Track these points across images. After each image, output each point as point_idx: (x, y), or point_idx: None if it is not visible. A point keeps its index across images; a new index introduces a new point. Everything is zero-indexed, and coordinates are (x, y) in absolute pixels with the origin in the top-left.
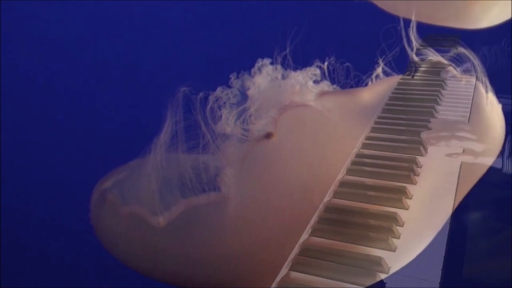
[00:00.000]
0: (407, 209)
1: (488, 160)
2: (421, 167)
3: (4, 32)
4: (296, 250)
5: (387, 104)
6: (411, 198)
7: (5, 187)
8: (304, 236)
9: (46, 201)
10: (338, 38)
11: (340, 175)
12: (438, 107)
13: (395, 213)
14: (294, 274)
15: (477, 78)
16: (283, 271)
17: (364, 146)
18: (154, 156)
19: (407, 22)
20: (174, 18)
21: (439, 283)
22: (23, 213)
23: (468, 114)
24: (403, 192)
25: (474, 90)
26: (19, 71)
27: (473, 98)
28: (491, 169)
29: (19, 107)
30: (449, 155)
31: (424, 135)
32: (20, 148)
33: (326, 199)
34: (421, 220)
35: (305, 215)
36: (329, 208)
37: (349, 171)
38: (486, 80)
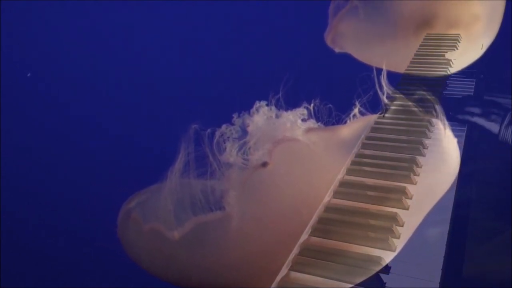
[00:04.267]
0: (407, 209)
1: (446, 186)
2: (421, 167)
3: (4, 33)
4: (296, 250)
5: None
6: (411, 198)
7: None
8: (304, 236)
9: (53, 206)
10: (322, 84)
11: (340, 175)
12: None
13: (395, 213)
14: (294, 274)
15: (437, 117)
16: (283, 271)
17: (364, 146)
18: (170, 181)
19: (379, 70)
20: (188, 69)
21: (439, 283)
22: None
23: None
24: (403, 192)
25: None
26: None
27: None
28: (491, 170)
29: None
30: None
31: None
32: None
33: (326, 199)
34: (421, 220)
35: (296, 230)
36: (329, 208)
37: (349, 171)
38: (444, 117)
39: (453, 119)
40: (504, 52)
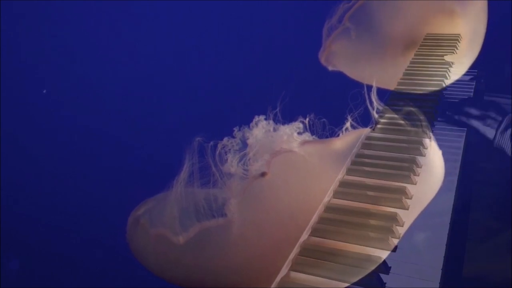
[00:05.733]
0: (407, 209)
1: (430, 195)
2: (421, 167)
3: (4, 34)
4: (296, 250)
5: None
6: (411, 198)
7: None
8: (304, 236)
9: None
10: (316, 99)
11: (340, 175)
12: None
13: (395, 213)
14: (294, 274)
15: (423, 131)
16: (283, 271)
17: (364, 146)
18: (175, 190)
19: (370, 87)
20: (192, 88)
21: (439, 283)
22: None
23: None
24: (403, 192)
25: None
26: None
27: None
28: (491, 170)
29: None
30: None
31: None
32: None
33: (326, 199)
34: (421, 220)
35: (292, 236)
36: (329, 208)
37: (349, 171)
38: (429, 131)
39: (450, 121)
40: (504, 53)
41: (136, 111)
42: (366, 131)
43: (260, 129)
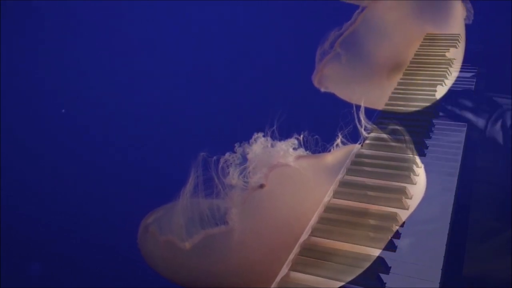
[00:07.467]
0: (407, 209)
1: (412, 207)
2: (421, 167)
3: (5, 36)
4: (296, 250)
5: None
6: (411, 198)
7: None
8: (304, 236)
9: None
10: (310, 118)
11: (340, 175)
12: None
13: (395, 213)
14: (294, 274)
15: (408, 148)
16: (283, 271)
17: (364, 146)
18: (182, 200)
19: (358, 107)
20: (196, 109)
21: (439, 283)
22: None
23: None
24: (403, 192)
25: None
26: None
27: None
28: (492, 170)
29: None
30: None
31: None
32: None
33: (326, 199)
34: (421, 220)
35: (289, 242)
36: (329, 208)
37: (349, 171)
38: (413, 149)
39: (448, 113)
40: (504, 53)
41: (139, 113)
42: (355, 147)
43: (259, 145)
